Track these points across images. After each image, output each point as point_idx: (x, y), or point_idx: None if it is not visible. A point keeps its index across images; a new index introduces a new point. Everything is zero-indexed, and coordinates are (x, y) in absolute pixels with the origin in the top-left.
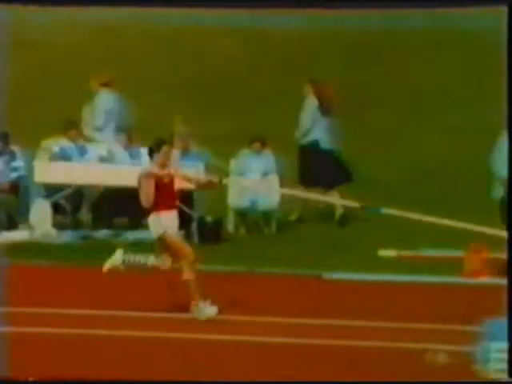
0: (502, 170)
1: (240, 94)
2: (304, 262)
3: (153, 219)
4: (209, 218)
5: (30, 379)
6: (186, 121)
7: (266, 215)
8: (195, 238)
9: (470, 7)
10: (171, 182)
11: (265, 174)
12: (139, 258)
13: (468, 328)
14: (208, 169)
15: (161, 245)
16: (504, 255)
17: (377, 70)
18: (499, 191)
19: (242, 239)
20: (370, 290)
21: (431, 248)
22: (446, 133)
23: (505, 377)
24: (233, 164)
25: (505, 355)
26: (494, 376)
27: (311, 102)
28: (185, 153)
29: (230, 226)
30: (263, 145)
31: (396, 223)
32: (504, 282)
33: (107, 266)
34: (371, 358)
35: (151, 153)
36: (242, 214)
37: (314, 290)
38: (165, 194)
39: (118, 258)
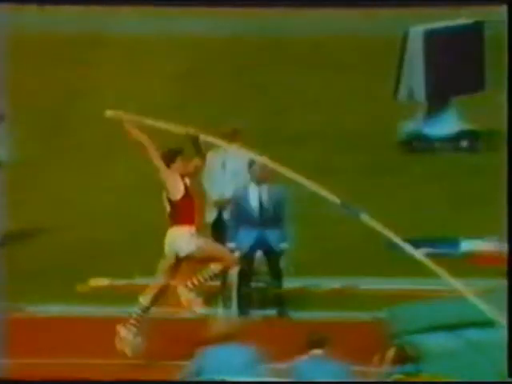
0: (211, 191)
1: None
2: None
3: (186, 234)
4: None
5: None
6: None
7: None
8: None
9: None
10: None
11: None
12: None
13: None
14: None
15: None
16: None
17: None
18: (211, 215)
19: None
20: (72, 324)
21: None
22: None
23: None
24: None
25: None
26: None
27: None
28: None
29: None
30: None
31: (108, 249)
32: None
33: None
34: None
35: (168, 164)
36: None
37: (16, 325)
38: (193, 206)
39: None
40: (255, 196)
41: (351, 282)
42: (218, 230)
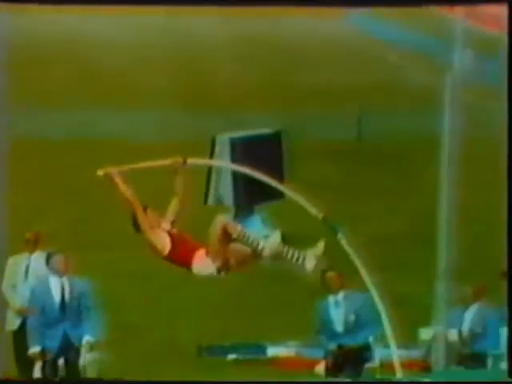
0: (13, 299)
1: None
2: None
3: (201, 264)
4: None
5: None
6: None
7: None
8: None
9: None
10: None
11: None
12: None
13: None
14: None
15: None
16: None
17: None
18: (14, 323)
19: None
20: None
21: None
22: None
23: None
24: None
25: None
26: None
27: None
28: None
29: None
30: None
31: None
32: None
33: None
34: None
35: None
36: None
37: None
38: (185, 246)
39: None
40: (57, 291)
41: None
42: (22, 337)
